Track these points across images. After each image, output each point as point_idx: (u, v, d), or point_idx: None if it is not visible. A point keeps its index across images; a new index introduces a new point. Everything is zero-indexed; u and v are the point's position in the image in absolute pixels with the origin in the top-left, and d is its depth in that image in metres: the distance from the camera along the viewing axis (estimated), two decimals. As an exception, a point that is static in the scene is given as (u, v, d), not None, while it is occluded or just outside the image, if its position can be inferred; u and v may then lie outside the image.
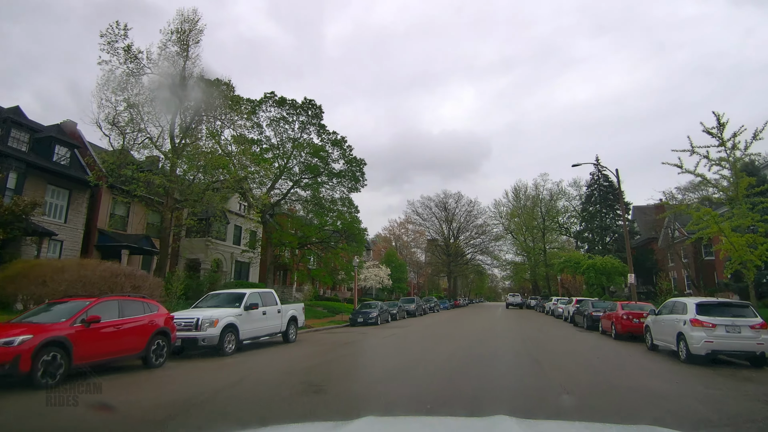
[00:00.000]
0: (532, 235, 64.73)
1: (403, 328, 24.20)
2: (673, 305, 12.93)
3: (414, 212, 75.84)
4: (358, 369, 10.56)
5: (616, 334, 17.27)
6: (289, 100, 34.90)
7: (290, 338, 16.43)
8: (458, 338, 18.11)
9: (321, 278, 31.16)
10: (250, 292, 15.03)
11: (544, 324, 26.87)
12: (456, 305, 66.09)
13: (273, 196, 37.14)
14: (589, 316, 21.80)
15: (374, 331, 22.62)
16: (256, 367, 11.04)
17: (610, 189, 54.79)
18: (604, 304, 22.68)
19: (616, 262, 36.27)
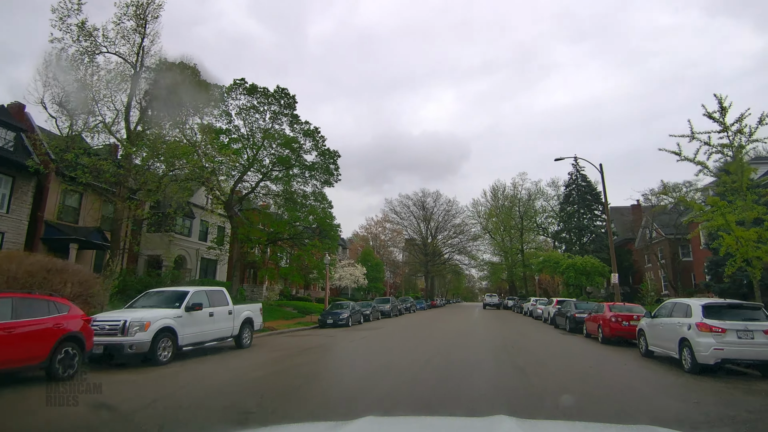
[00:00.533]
0: (510, 235, 63.67)
1: (376, 330, 22.36)
2: (673, 307, 11.39)
3: (392, 211, 74.17)
4: (311, 383, 8.67)
5: (604, 338, 15.75)
6: (261, 88, 32.69)
7: (244, 343, 14.40)
8: (434, 342, 16.36)
9: (291, 277, 29.05)
10: (194, 290, 12.95)
11: (523, 326, 25.38)
12: (433, 305, 64.59)
13: (241, 189, 34.89)
14: (572, 318, 20.33)
15: (344, 333, 20.71)
16: (188, 380, 9.04)
17: (588, 189, 54.04)
18: (588, 305, 21.26)
19: (596, 262, 35.17)
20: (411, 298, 50.34)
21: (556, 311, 24.01)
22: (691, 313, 10.35)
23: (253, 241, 29.72)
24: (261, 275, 29.20)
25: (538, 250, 62.16)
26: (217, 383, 8.59)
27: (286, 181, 33.09)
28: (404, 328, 23.84)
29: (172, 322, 11.47)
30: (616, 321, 15.27)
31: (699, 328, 9.81)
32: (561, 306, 23.99)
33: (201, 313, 12.47)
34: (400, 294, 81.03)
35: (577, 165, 55.02)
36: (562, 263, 35.16)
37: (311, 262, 29.51)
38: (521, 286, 70.34)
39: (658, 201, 47.64)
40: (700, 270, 39.84)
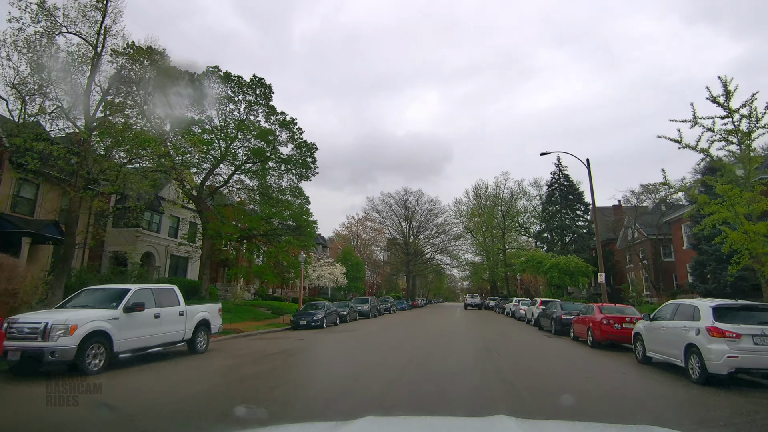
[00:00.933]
0: (492, 234, 62.73)
1: (351, 333, 20.84)
2: (676, 309, 10.12)
3: (374, 209, 72.70)
4: (260, 398, 7.13)
5: (593, 342, 14.50)
6: (235, 77, 30.88)
7: (198, 348, 12.73)
8: (413, 345, 14.91)
9: (264, 276, 27.33)
10: (137, 288, 11.23)
11: (507, 327, 24.13)
12: (414, 306, 63.28)
13: (213, 182, 33.00)
14: (557, 320, 19.10)
15: (316, 336, 19.14)
16: (108, 397, 7.38)
17: (571, 189, 53.35)
18: (575, 306, 20.07)
19: (580, 261, 34.22)
20: (391, 298, 48.90)
21: (540, 312, 22.81)
22: (699, 315, 9.08)
23: (224, 238, 27.90)
24: (231, 273, 27.39)
25: (519, 250, 61.36)
26: (136, 403, 6.94)
27: (261, 174, 31.33)
28: (381, 331, 22.37)
29: (106, 324, 9.77)
30: (608, 323, 14.03)
31: (710, 332, 8.54)
32: (546, 307, 22.80)
33: (144, 315, 10.78)
34: (381, 294, 79.66)
35: (560, 164, 54.35)
36: (546, 263, 34.11)
37: (286, 260, 27.84)
38: (502, 287, 69.49)
39: (639, 202, 47.25)
40: (682, 271, 39.27)
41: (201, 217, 29.97)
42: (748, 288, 26.74)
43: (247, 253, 28.43)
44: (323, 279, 49.78)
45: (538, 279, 37.15)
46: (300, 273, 27.52)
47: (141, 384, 8.66)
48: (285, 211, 28.48)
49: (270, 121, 31.67)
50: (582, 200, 52.71)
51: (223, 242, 28.55)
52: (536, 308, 24.99)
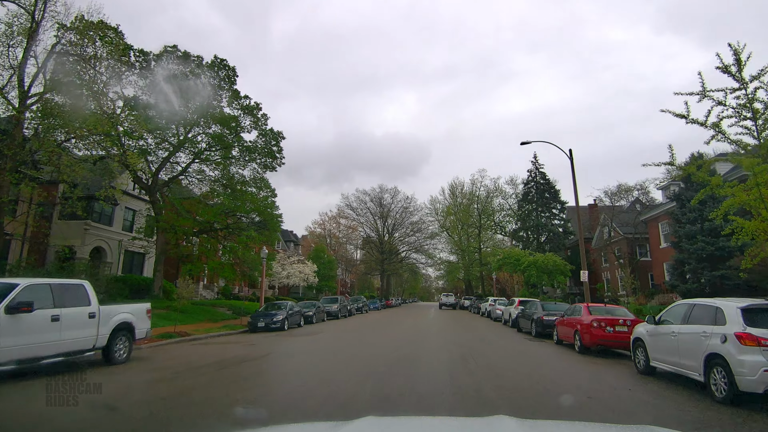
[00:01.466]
0: (467, 233, 61.29)
1: (314, 336, 18.70)
2: (690, 310, 8.35)
3: (348, 206, 70.48)
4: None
5: (582, 347, 12.74)
6: (195, 56, 28.31)
7: (117, 357, 10.40)
8: (379, 353, 12.88)
9: (222, 272, 24.87)
10: (27, 283, 8.84)
11: (483, 329, 22.36)
12: (388, 305, 61.34)
13: (172, 171, 30.31)
14: (539, 321, 17.38)
15: (272, 340, 16.93)
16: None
17: (547, 187, 52.30)
18: (557, 306, 18.41)
19: (558, 260, 32.87)
20: (363, 298, 46.81)
21: (519, 313, 21.10)
22: (723, 319, 7.31)
23: (178, 232, 25.32)
24: (186, 271, 24.84)
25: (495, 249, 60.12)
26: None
27: (223, 164, 28.82)
28: (348, 333, 20.30)
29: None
30: (599, 326, 12.28)
31: (740, 340, 6.77)
32: (525, 307, 21.11)
33: (34, 317, 8.44)
34: (353, 293, 77.44)
35: (536, 162, 53.28)
36: (523, 261, 32.60)
37: (245, 255, 25.46)
38: (477, 286, 68.20)
39: (614, 201, 46.42)
40: (659, 270, 38.43)
41: (154, 209, 27.28)
42: (730, 287, 25.72)
43: (209, 249, 25.90)
44: (293, 277, 47.36)
45: (514, 278, 35.70)
46: (262, 270, 25.18)
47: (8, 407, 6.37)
48: (247, 204, 26.06)
49: (233, 107, 29.23)
50: (558, 198, 51.72)
51: (180, 236, 25.94)
52: (514, 308, 23.32)
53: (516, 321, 21.13)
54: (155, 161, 29.14)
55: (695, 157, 30.85)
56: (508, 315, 24.37)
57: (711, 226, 26.40)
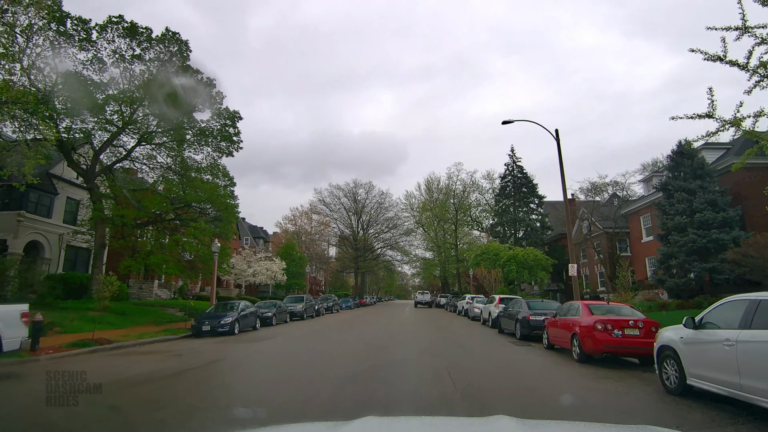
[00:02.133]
0: (444, 229, 59.06)
1: (264, 342, 15.86)
2: (755, 311, 5.86)
3: (321, 201, 67.41)
4: None
5: (583, 355, 10.27)
6: (143, 28, 24.96)
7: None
8: (333, 366, 10.15)
9: (165, 268, 21.68)
10: None
11: (461, 331, 19.86)
12: (362, 304, 58.59)
13: (115, 155, 26.87)
14: (524, 322, 14.94)
15: (213, 347, 14.02)
16: None
17: (525, 181, 50.40)
18: (545, 304, 16.02)
19: (539, 254, 30.72)
20: (334, 296, 43.97)
21: (501, 312, 18.66)
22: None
23: (117, 223, 22.02)
24: (122, 267, 21.55)
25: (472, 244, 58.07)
26: None
27: (173, 148, 25.57)
28: (306, 338, 17.50)
29: None
30: (604, 330, 9.82)
31: None
32: (507, 305, 18.70)
33: None
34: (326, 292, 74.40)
35: (514, 156, 51.33)
36: (502, 255, 30.33)
37: (194, 249, 22.34)
38: (454, 283, 66.11)
39: (590, 197, 44.80)
40: (640, 265, 36.76)
41: (91, 196, 23.85)
42: (720, 282, 23.95)
43: (153, 243, 22.66)
44: (260, 275, 44.16)
45: (492, 274, 33.48)
46: (213, 265, 22.09)
47: None
48: (197, 191, 22.94)
49: (185, 83, 25.97)
50: (536, 193, 49.89)
51: (124, 229, 22.60)
52: (494, 307, 20.91)
53: (497, 321, 18.69)
54: (97, 145, 25.72)
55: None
56: (487, 314, 21.95)
57: (702, 217, 24.60)
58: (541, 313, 14.85)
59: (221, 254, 24.17)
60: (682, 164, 27.48)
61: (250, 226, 62.44)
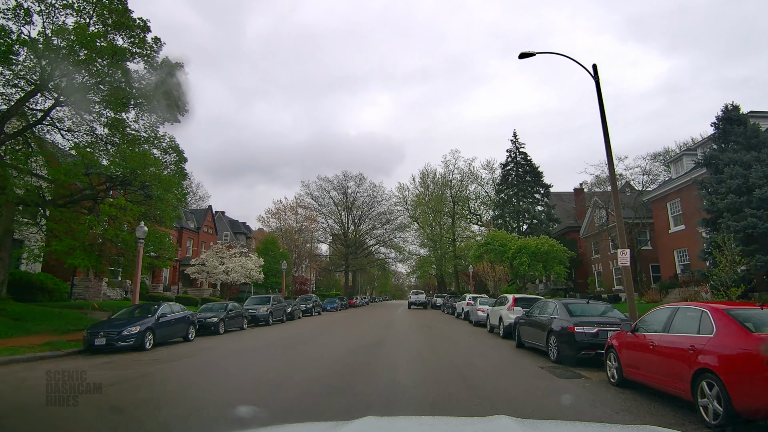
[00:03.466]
0: (440, 222, 53.52)
1: (174, 364, 10.26)
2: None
3: (308, 194, 61.72)
4: None
5: (731, 414, 4.70)
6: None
7: None
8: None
9: (71, 258, 15.96)
10: None
11: (465, 343, 14.29)
12: (351, 305, 52.90)
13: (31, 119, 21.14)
14: (566, 336, 9.37)
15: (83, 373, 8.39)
16: None
17: (529, 169, 44.88)
18: (595, 308, 10.41)
19: (556, 244, 25.13)
20: (315, 296, 38.27)
21: (519, 318, 13.05)
22: None
23: (11, 199, 16.37)
24: (15, 257, 15.88)
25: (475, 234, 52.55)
26: None
27: (101, 109, 19.90)
28: (247, 354, 11.96)
29: None
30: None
31: None
32: (529, 309, 13.12)
33: None
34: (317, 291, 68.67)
35: (516, 141, 45.80)
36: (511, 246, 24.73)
37: (110, 233, 16.69)
38: (451, 282, 60.57)
39: (606, 184, 39.27)
40: (667, 260, 31.09)
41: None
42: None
43: (64, 224, 16.96)
44: (233, 273, 38.47)
45: (496, 270, 27.95)
46: (138, 256, 16.40)
47: None
48: (118, 158, 17.31)
49: (122, 35, 20.34)
50: (541, 181, 44.37)
51: (18, 205, 16.94)
52: (507, 311, 15.33)
53: (515, 330, 13.05)
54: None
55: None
56: (496, 320, 16.33)
57: (764, 194, 19.15)
58: (590, 323, 9.30)
59: (158, 242, 18.52)
60: (731, 133, 22.03)
61: (230, 220, 56.74)
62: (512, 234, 31.08)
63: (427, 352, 11.83)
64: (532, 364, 9.78)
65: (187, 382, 8.70)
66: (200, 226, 46.32)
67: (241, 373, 9.30)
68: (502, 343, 13.85)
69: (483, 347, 12.91)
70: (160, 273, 37.56)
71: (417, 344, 13.67)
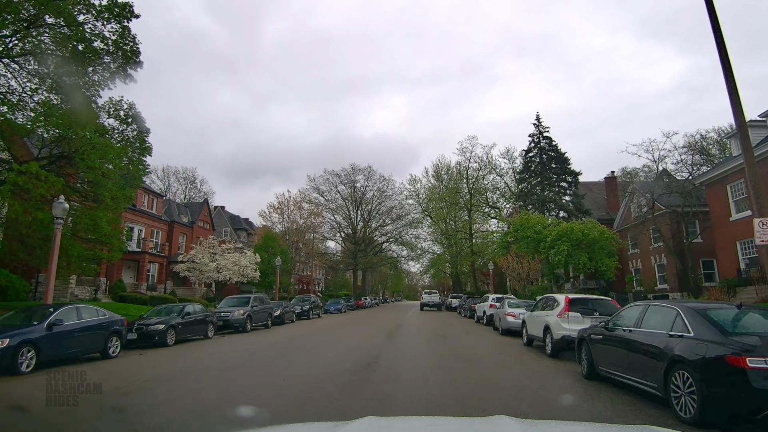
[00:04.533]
0: (455, 217, 48.57)
1: None
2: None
3: (315, 189, 57.32)
4: None
5: None
6: None
7: None
8: None
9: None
10: None
11: (500, 364, 9.54)
12: (358, 306, 48.26)
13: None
14: (723, 375, 4.55)
15: None
16: None
17: (555, 155, 39.65)
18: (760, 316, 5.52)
19: (606, 230, 20.13)
20: (313, 297, 33.65)
21: (590, 333, 8.15)
22: None
23: None
24: None
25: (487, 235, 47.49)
26: None
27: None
28: (165, 382, 7.36)
29: None
30: None
31: None
32: (587, 313, 8.30)
33: None
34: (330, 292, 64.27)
35: (540, 125, 40.60)
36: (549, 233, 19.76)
37: (15, 209, 12.37)
38: (466, 282, 55.55)
39: (634, 178, 33.73)
40: (727, 253, 25.67)
41: None
42: None
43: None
44: (225, 271, 34.15)
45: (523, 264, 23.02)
46: (54, 238, 12.04)
47: None
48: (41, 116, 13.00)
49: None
50: (568, 168, 39.08)
51: None
52: (557, 317, 10.50)
53: (582, 350, 8.20)
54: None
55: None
56: (539, 330, 11.44)
57: None
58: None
59: (91, 224, 14.12)
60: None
61: (231, 216, 52.67)
62: (551, 216, 25.84)
63: (443, 392, 7.04)
64: (640, 422, 4.95)
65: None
66: (194, 221, 42.23)
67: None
68: (557, 370, 9.00)
69: (533, 380, 8.06)
70: (143, 270, 33.41)
71: (427, 370, 8.89)
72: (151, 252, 34.01)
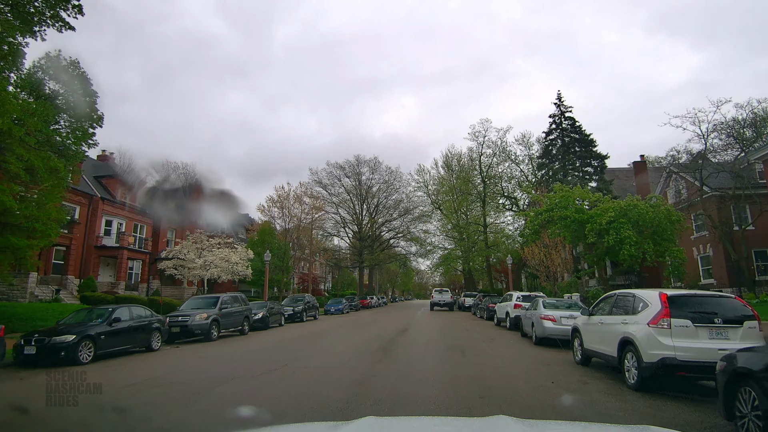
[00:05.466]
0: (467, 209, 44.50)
1: None
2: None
3: (317, 182, 53.57)
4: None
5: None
6: None
7: None
8: None
9: None
10: None
11: (555, 404, 5.53)
12: (363, 305, 44.42)
13: None
14: None
15: None
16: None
17: (578, 137, 35.41)
18: None
19: (675, 211, 16.07)
20: (309, 297, 29.81)
21: (746, 356, 4.19)
22: None
23: None
24: None
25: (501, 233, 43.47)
26: None
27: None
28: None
29: None
30: None
31: None
32: (738, 325, 4.33)
33: None
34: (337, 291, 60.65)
35: (561, 104, 36.36)
36: (600, 213, 15.58)
37: None
38: (480, 279, 51.45)
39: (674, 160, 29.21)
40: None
41: None
42: None
43: None
44: (212, 268, 30.50)
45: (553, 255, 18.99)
46: None
47: None
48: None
49: None
50: (594, 151, 34.81)
51: None
52: (648, 326, 6.55)
53: (729, 393, 4.25)
54: None
55: None
56: (614, 344, 7.40)
57: None
58: None
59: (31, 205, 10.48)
60: None
61: (229, 211, 49.06)
62: (596, 193, 21.52)
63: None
64: None
65: None
66: (185, 215, 38.68)
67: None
68: (663, 417, 5.02)
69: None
70: (123, 268, 29.91)
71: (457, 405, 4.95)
72: (131, 248, 30.50)
